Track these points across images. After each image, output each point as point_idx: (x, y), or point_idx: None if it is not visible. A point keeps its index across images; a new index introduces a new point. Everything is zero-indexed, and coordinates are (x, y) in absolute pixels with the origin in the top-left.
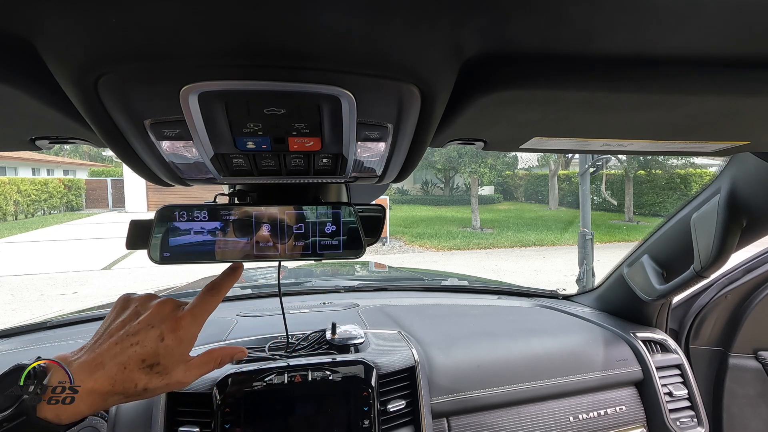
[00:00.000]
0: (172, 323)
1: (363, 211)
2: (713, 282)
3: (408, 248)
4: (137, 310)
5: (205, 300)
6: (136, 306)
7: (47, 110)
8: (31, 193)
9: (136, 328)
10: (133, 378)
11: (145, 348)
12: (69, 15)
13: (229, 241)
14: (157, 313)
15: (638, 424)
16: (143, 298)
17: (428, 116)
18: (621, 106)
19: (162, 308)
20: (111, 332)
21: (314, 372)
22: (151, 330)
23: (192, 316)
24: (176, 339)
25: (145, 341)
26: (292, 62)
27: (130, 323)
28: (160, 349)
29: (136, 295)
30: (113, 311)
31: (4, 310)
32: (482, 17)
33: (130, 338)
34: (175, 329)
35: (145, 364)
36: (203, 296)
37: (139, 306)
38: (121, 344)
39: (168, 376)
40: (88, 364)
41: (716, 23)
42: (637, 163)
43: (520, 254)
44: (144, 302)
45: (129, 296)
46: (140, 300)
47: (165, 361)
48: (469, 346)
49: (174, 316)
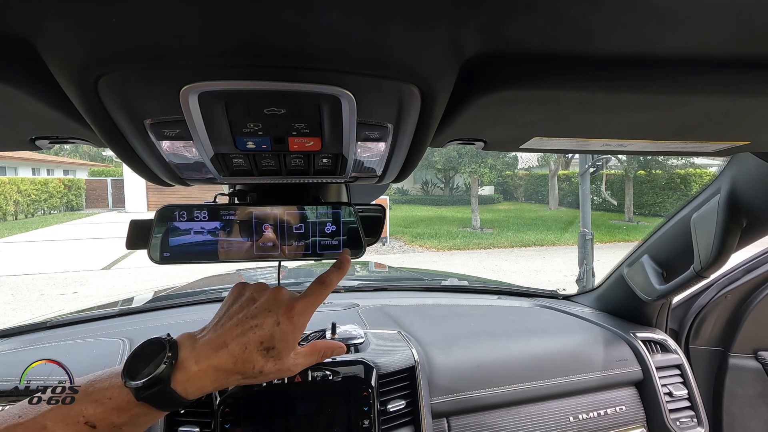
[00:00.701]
0: (286, 309)
1: (363, 211)
2: (713, 282)
3: (408, 248)
4: (253, 296)
5: (316, 291)
6: (252, 292)
7: (47, 110)
8: (31, 193)
9: (254, 312)
10: (252, 359)
11: (263, 330)
12: (69, 15)
13: (229, 241)
14: (273, 299)
15: (638, 424)
16: (258, 285)
17: (428, 116)
18: (621, 106)
19: (277, 295)
20: (231, 315)
21: (314, 372)
22: (268, 314)
23: (305, 304)
24: (290, 324)
25: (263, 324)
26: (292, 62)
27: (249, 307)
28: (276, 333)
29: (251, 284)
30: (230, 297)
31: (4, 310)
32: (482, 17)
33: (250, 321)
34: (290, 315)
35: (263, 347)
36: (314, 287)
37: (255, 293)
38: (241, 326)
39: (281, 361)
40: (212, 342)
41: (716, 23)
42: (637, 163)
43: (520, 254)
44: (259, 289)
45: (244, 284)
46: (255, 287)
47: (280, 345)
48: (469, 346)
49: (289, 302)
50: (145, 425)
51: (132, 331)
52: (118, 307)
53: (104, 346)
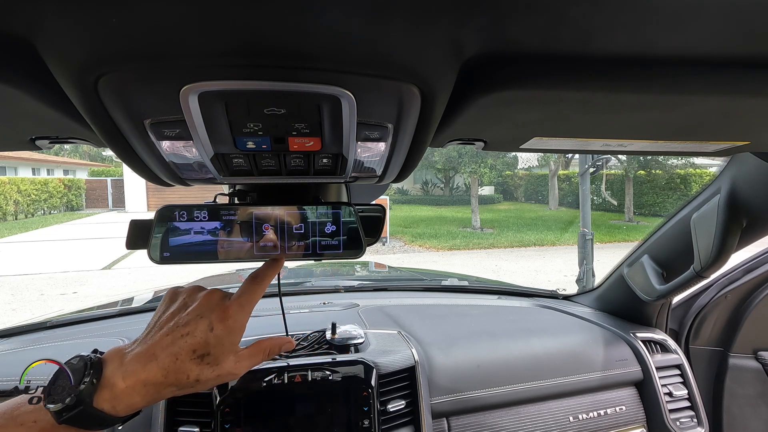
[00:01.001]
0: (220, 313)
1: (363, 211)
2: (713, 282)
3: (408, 248)
4: (185, 301)
5: (250, 289)
6: (184, 298)
7: (47, 110)
8: (31, 193)
9: (185, 319)
10: (185, 369)
11: (195, 338)
12: (69, 15)
13: (229, 241)
14: (206, 304)
15: (638, 424)
16: (191, 290)
17: (428, 116)
18: (621, 106)
19: (210, 298)
20: (161, 324)
21: (314, 372)
22: (200, 320)
23: (239, 305)
24: (225, 328)
25: (195, 331)
26: (292, 62)
27: (179, 314)
28: (210, 339)
29: (183, 288)
30: (162, 304)
31: (4, 310)
32: (482, 17)
33: (180, 329)
34: (223, 318)
35: (196, 355)
36: (248, 285)
37: (187, 298)
38: (171, 335)
39: (219, 366)
40: (141, 355)
41: (716, 23)
42: (637, 163)
43: (520, 254)
44: (192, 294)
45: (176, 289)
46: (188, 292)
47: (215, 351)
48: (469, 346)
49: (222, 305)
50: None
51: (132, 331)
52: (118, 307)
53: (104, 346)
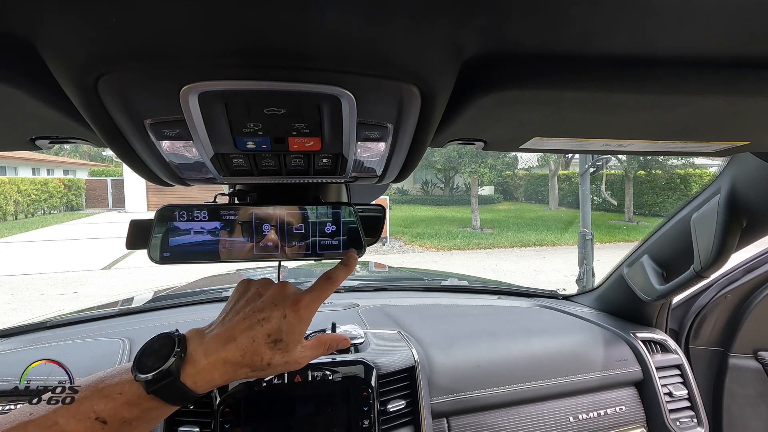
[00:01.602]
0: (292, 302)
1: (363, 211)
2: (713, 282)
3: (408, 248)
4: (259, 290)
5: (322, 285)
6: (258, 287)
7: (47, 110)
8: (31, 193)
9: (261, 306)
10: (260, 351)
11: (270, 324)
12: (69, 15)
13: (229, 241)
14: (280, 293)
15: (638, 424)
16: (264, 280)
17: (428, 116)
18: (621, 106)
19: (283, 289)
20: (238, 309)
21: (314, 372)
22: (275, 308)
23: (311, 298)
24: (297, 317)
25: (270, 318)
26: (293, 62)
27: (255, 301)
28: (283, 326)
29: (256, 280)
30: (236, 292)
31: (4, 309)
32: (482, 17)
33: (257, 314)
34: (296, 308)
35: (271, 339)
36: (321, 282)
37: (260, 287)
38: (249, 319)
39: (288, 353)
40: (221, 336)
41: (716, 23)
42: (637, 163)
43: (520, 254)
44: (265, 284)
45: (249, 280)
46: (261, 282)
47: (287, 338)
48: (469, 346)
49: (294, 296)
50: (155, 420)
51: (132, 331)
52: (118, 307)
53: (104, 346)
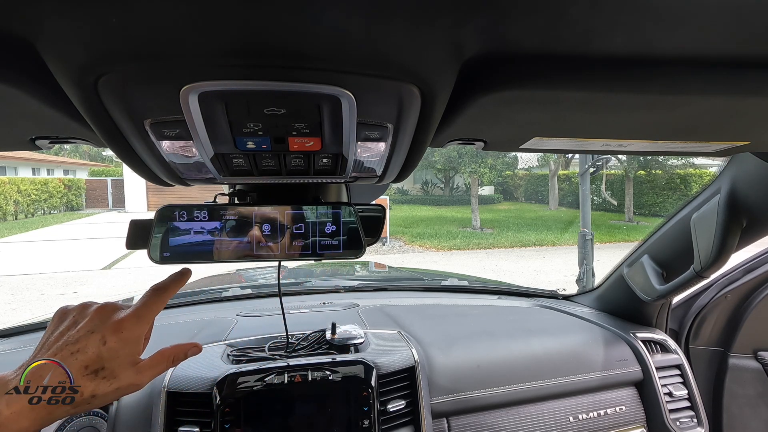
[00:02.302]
0: (113, 325)
1: (363, 211)
2: (713, 282)
3: (408, 248)
4: (75, 319)
5: (150, 300)
6: (74, 315)
7: (47, 110)
8: (31, 193)
9: (75, 337)
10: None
11: (86, 354)
12: (69, 15)
13: (229, 241)
14: (97, 318)
15: (638, 425)
16: (80, 307)
17: (428, 116)
18: (621, 106)
19: (101, 312)
20: (49, 345)
21: (314, 372)
22: (91, 336)
23: (136, 316)
24: (120, 341)
25: (86, 348)
26: (293, 62)
27: (69, 332)
28: (104, 353)
29: (72, 306)
30: (51, 325)
31: (4, 309)
32: (482, 17)
33: (70, 347)
34: (117, 331)
35: (89, 371)
36: (149, 296)
37: (77, 315)
38: (60, 354)
39: (116, 380)
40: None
41: (716, 23)
42: (637, 164)
43: (520, 254)
44: (81, 311)
45: (65, 308)
46: (77, 309)
47: (110, 364)
48: (469, 346)
49: (115, 318)
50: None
51: None
52: None
53: None
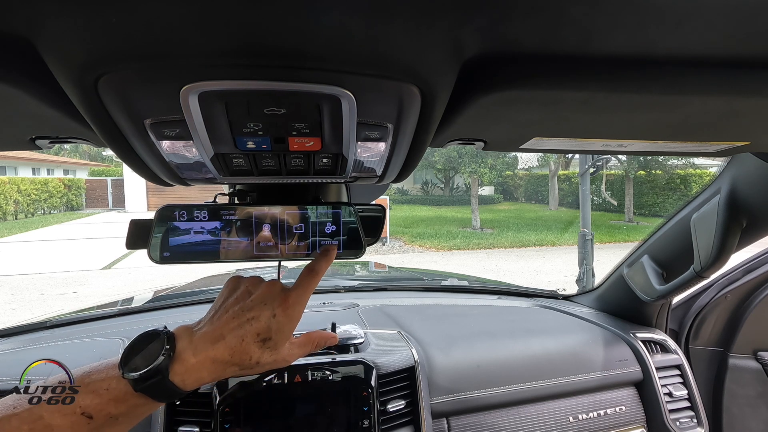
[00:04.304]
0: (281, 301)
1: (363, 211)
2: (713, 282)
3: (408, 248)
4: (248, 289)
5: (306, 280)
6: (247, 285)
7: (47, 110)
8: (31, 193)
9: (250, 305)
10: (248, 350)
11: (260, 323)
12: (69, 14)
13: (229, 241)
14: (268, 292)
15: (638, 425)
16: (252, 279)
17: (428, 116)
18: (621, 107)
19: (272, 288)
20: (227, 307)
21: (314, 372)
22: (264, 307)
23: (298, 295)
24: (286, 316)
25: (260, 317)
26: (293, 62)
27: (244, 300)
28: (273, 325)
29: (245, 277)
30: (225, 290)
31: (4, 309)
32: (482, 17)
33: (246, 313)
34: (285, 307)
35: (260, 338)
36: (305, 276)
37: (250, 286)
38: (238, 318)
39: (276, 351)
40: (210, 334)
41: (716, 23)
42: (637, 164)
43: (520, 254)
44: (254, 282)
45: (239, 277)
46: (250, 281)
47: (276, 336)
48: (469, 346)
49: (283, 295)
50: (142, 416)
51: (132, 330)
52: (118, 307)
53: (104, 346)
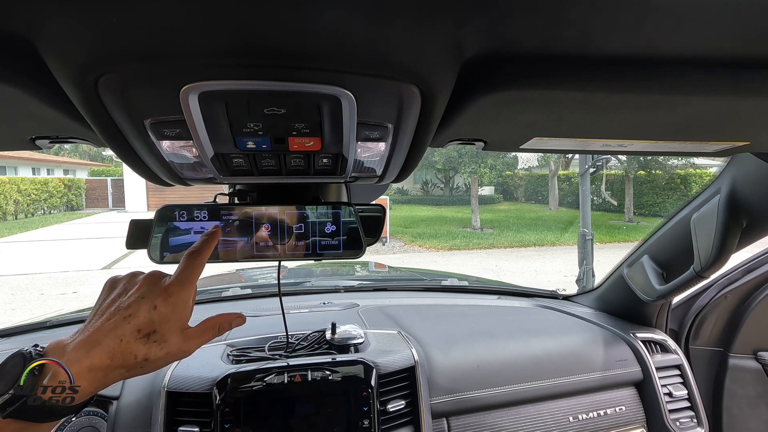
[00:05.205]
0: (162, 291)
1: (363, 211)
2: (713, 282)
3: (408, 248)
4: (125, 287)
5: (189, 264)
6: (124, 283)
7: (47, 110)
8: (31, 193)
9: (127, 302)
10: (131, 349)
11: (138, 318)
12: (69, 15)
13: (229, 241)
14: (146, 285)
15: (638, 425)
16: (129, 275)
17: (428, 116)
18: (621, 106)
19: (150, 280)
20: (102, 311)
21: (314, 372)
22: (142, 301)
23: (179, 281)
24: (169, 305)
25: (138, 312)
26: (293, 62)
27: (120, 299)
28: (155, 317)
29: (122, 275)
30: (102, 293)
31: (4, 309)
32: (482, 17)
33: (122, 312)
34: (166, 296)
35: (141, 334)
36: (186, 261)
37: (127, 283)
38: (113, 319)
39: (166, 344)
40: (84, 343)
41: (716, 23)
42: (637, 164)
43: (520, 254)
44: (131, 279)
45: (115, 277)
46: (127, 278)
47: (161, 328)
48: (469, 346)
49: (162, 284)
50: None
51: None
52: None
53: None
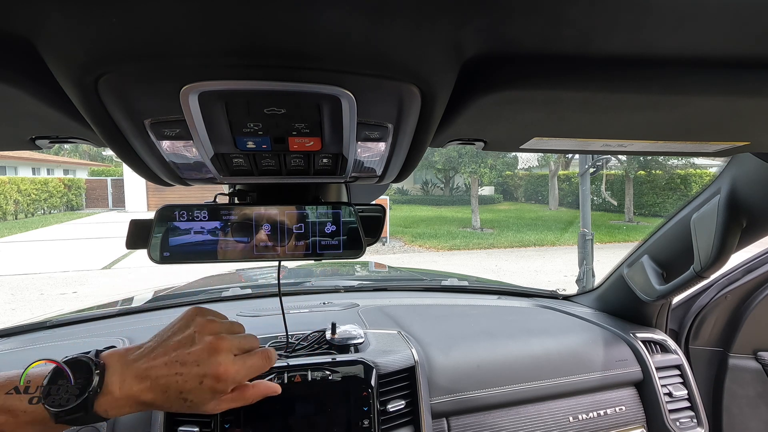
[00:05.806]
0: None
1: (363, 211)
2: (713, 282)
3: (408, 248)
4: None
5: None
6: (196, 330)
7: (47, 110)
8: (31, 193)
9: (185, 358)
10: (170, 401)
11: (186, 383)
12: (69, 14)
13: (229, 241)
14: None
15: (638, 425)
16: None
17: (428, 116)
18: (621, 107)
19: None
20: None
21: (314, 372)
22: (195, 368)
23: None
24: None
25: (187, 377)
26: (293, 62)
27: (183, 348)
28: (195, 390)
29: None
30: (178, 322)
31: (4, 309)
32: (482, 17)
33: (177, 366)
34: (217, 377)
35: (181, 396)
36: (259, 358)
37: (197, 333)
38: (168, 367)
39: (197, 407)
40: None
41: (716, 23)
42: (637, 164)
43: (520, 254)
44: (203, 330)
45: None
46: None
47: (198, 398)
48: (469, 346)
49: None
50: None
51: (132, 330)
52: (118, 307)
53: (104, 346)
